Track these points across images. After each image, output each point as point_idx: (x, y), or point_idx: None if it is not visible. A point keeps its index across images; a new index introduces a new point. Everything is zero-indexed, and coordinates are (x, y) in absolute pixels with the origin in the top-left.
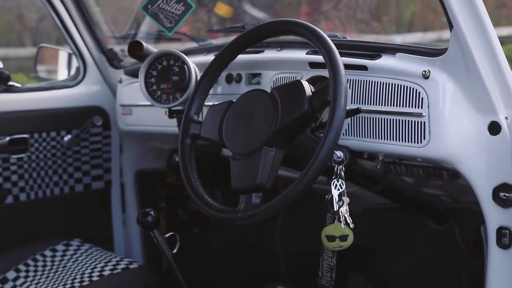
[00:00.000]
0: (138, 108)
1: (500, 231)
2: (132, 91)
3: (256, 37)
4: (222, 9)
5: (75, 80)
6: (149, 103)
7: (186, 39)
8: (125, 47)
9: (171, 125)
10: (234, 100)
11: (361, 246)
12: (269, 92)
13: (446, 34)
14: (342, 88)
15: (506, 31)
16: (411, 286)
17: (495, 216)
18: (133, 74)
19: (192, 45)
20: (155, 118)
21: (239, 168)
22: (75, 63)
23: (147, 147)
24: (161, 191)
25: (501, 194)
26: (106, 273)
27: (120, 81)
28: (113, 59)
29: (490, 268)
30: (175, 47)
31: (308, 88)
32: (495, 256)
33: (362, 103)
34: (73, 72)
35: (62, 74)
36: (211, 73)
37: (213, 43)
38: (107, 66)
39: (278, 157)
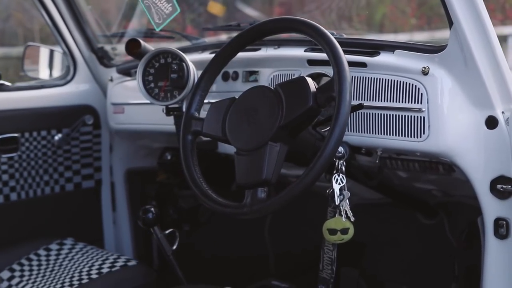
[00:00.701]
0: (130, 106)
1: (498, 222)
2: (124, 90)
3: (258, 35)
4: (215, 8)
5: (65, 79)
6: (141, 101)
7: (175, 37)
8: (116, 46)
9: (167, 123)
10: (236, 97)
11: (351, 241)
12: (272, 88)
13: (416, 36)
14: (347, 84)
15: None
16: (402, 280)
17: (492, 207)
18: (126, 72)
19: (181, 43)
20: (149, 116)
21: (244, 164)
22: (57, 61)
23: (137, 145)
24: (151, 190)
25: (499, 186)
26: (104, 271)
27: (111, 80)
28: (103, 58)
29: (487, 258)
30: (167, 46)
31: (312, 84)
32: (493, 247)
33: (362, 99)
34: (55, 71)
35: (44, 73)
36: (211, 70)
37: (206, 41)
38: (97, 64)
39: (282, 152)
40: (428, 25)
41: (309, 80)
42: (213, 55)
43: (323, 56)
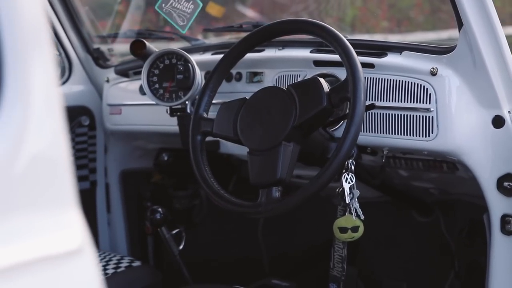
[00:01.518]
0: (127, 107)
1: (504, 218)
2: (120, 91)
3: (268, 36)
4: (214, 9)
5: (60, 80)
6: (140, 102)
7: (169, 38)
8: (112, 46)
9: (167, 124)
10: (247, 97)
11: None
12: (284, 89)
13: (390, 38)
14: (361, 84)
15: (445, 34)
16: (400, 277)
17: (499, 204)
18: (124, 73)
19: (174, 44)
20: (148, 117)
21: (258, 163)
22: None
23: (132, 146)
24: (146, 191)
25: (505, 183)
26: (109, 271)
27: (108, 81)
28: (99, 59)
29: (493, 254)
30: (164, 46)
31: (325, 85)
32: (499, 243)
33: (370, 100)
34: None
35: None
36: (220, 71)
37: (206, 42)
38: (93, 65)
39: (295, 152)
40: (398, 28)
41: (322, 80)
42: (215, 56)
43: (329, 57)
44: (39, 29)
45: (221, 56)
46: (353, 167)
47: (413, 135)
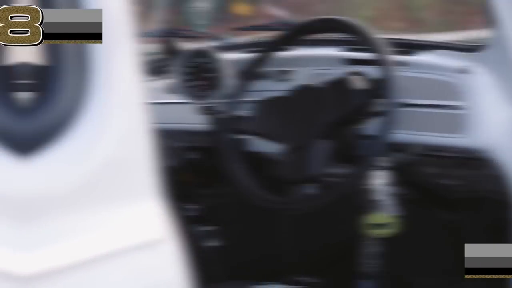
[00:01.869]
0: (154, 106)
1: None
2: (146, 90)
3: (300, 34)
4: (241, 8)
5: None
6: (167, 101)
7: (195, 38)
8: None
9: (196, 122)
10: (280, 96)
11: None
12: (318, 86)
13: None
14: (395, 82)
15: (457, 36)
16: (423, 275)
17: None
18: (151, 72)
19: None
20: (176, 115)
21: (292, 160)
22: None
23: (157, 145)
24: (171, 189)
25: None
26: None
27: None
28: None
29: None
30: (191, 46)
31: (359, 83)
32: None
33: (403, 98)
34: None
35: None
36: (253, 69)
37: (234, 41)
38: None
39: (329, 149)
40: (412, 29)
41: (356, 78)
42: (245, 54)
43: (360, 55)
44: (123, 23)
45: (250, 54)
46: (385, 164)
47: (444, 132)
